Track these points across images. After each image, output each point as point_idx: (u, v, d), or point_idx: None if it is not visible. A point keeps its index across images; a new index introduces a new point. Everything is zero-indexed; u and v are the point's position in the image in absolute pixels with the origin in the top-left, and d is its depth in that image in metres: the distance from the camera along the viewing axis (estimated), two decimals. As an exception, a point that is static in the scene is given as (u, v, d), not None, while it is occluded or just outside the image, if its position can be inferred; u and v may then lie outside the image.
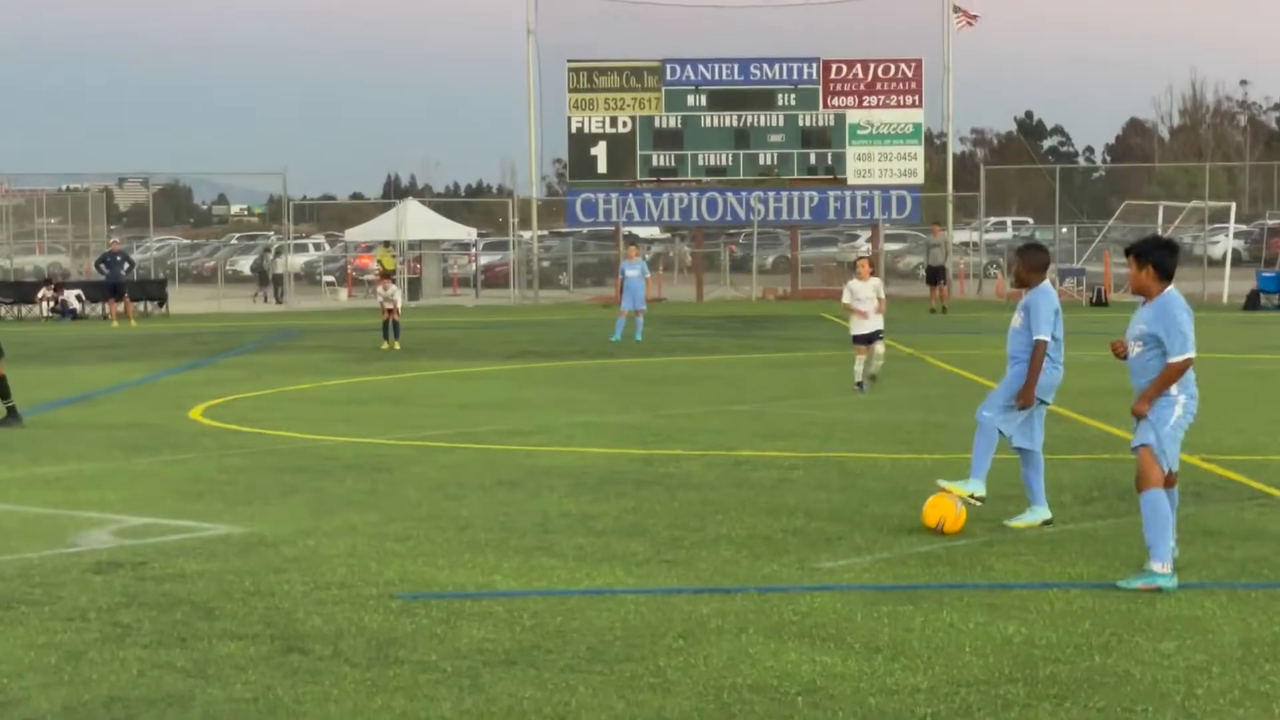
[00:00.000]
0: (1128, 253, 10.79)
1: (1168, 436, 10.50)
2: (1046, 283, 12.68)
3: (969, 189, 63.34)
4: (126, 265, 47.22)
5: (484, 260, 67.39)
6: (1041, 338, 12.32)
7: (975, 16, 58.44)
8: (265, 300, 58.80)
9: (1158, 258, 10.56)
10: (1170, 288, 10.63)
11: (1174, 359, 10.40)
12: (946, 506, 12.40)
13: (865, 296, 23.32)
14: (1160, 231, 55.04)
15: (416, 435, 18.90)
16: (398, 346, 33.51)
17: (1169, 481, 10.57)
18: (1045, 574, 10.87)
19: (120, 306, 46.70)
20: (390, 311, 34.12)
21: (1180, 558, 11.16)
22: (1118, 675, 8.45)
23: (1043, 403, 12.66)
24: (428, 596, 10.39)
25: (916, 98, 55.68)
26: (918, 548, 11.83)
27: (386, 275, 40.78)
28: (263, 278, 61.38)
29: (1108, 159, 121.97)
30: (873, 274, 24.36)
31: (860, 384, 23.27)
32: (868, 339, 23.34)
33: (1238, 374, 25.04)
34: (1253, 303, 46.90)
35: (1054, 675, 8.45)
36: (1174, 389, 10.52)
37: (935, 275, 48.82)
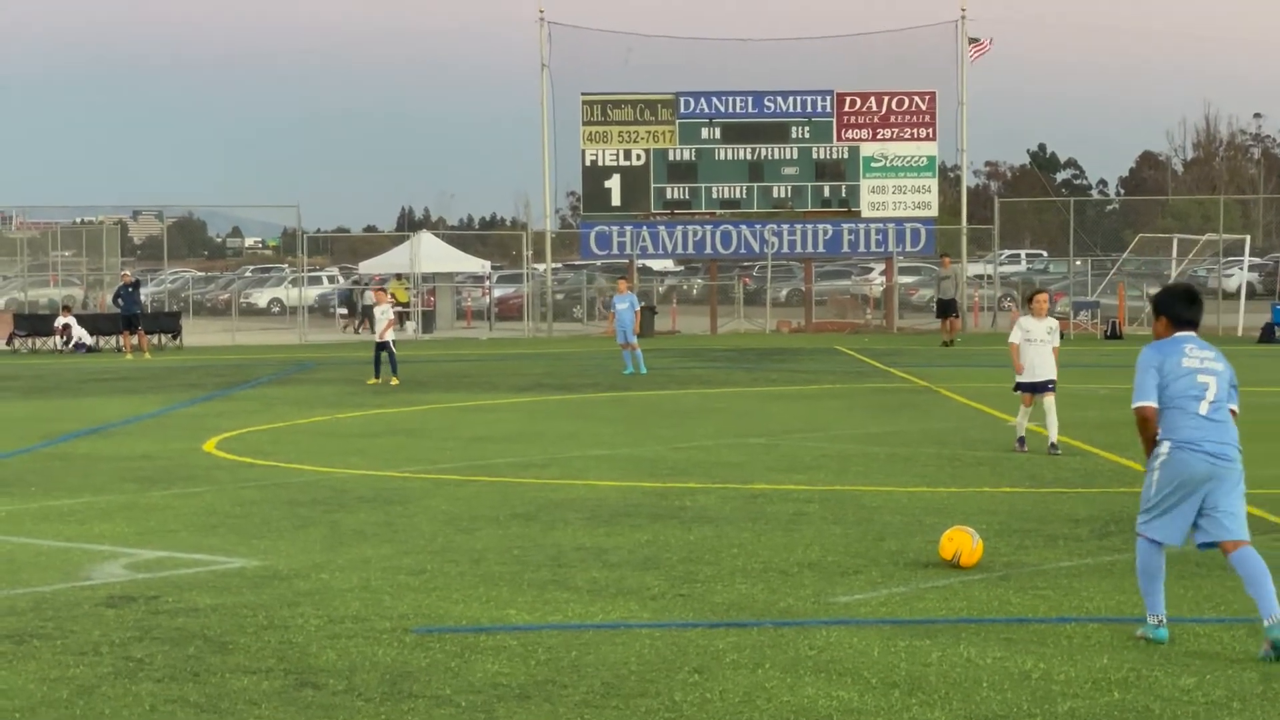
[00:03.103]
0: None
1: (1153, 487, 9.84)
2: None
3: (983, 222, 63.39)
4: (131, 290, 47.06)
5: (498, 293, 67.39)
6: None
7: (988, 42, 58.46)
8: (355, 331, 59.12)
9: (1167, 308, 10.25)
10: (1172, 335, 10.07)
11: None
12: (963, 540, 12.34)
13: (1039, 337, 19.95)
14: (1175, 264, 55.01)
15: (430, 468, 18.87)
16: (395, 382, 32.47)
17: (1225, 547, 9.72)
18: (1063, 608, 10.80)
19: (135, 339, 46.73)
20: (382, 344, 32.72)
21: (1198, 592, 11.11)
22: (1137, 711, 8.38)
23: None
24: (441, 630, 10.34)
25: (930, 130, 55.66)
26: (934, 582, 11.77)
27: (400, 304, 40.15)
28: (351, 309, 62.00)
29: (1121, 191, 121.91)
30: (1051, 312, 20.65)
31: (1022, 440, 19.86)
32: (1037, 388, 19.90)
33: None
34: (1267, 335, 46.77)
35: (1073, 711, 8.38)
36: (1162, 442, 9.84)
37: (946, 309, 48.56)
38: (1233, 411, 9.95)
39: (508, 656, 9.62)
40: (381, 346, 32.98)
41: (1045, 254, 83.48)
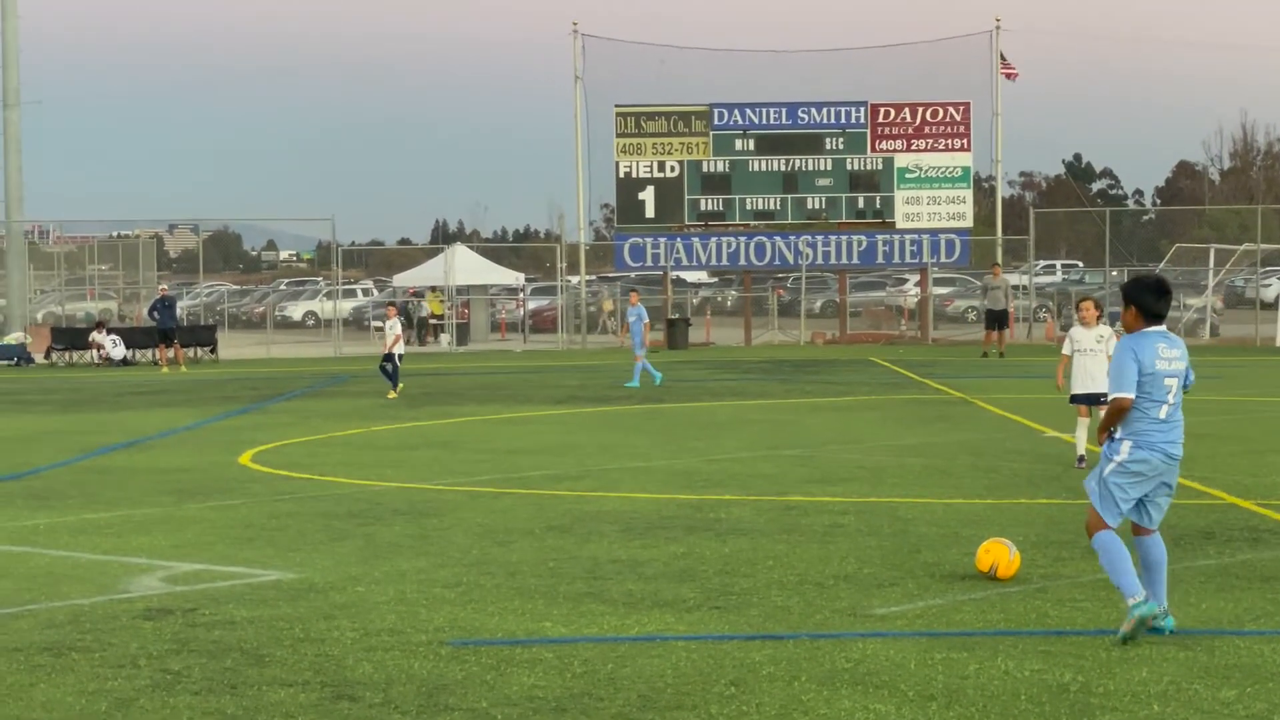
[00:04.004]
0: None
1: (1109, 482, 10.15)
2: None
3: (1018, 232, 63.23)
4: (166, 305, 47.19)
5: (532, 305, 67.50)
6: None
7: (1014, 71, 58.39)
8: (407, 343, 59.28)
9: (1136, 299, 10.27)
10: (1150, 328, 10.16)
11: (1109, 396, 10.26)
12: (1000, 552, 12.28)
13: (1088, 346, 19.03)
14: (1212, 274, 54.79)
15: (465, 480, 18.88)
16: (392, 395, 32.43)
17: (1136, 531, 10.34)
18: (1101, 620, 10.74)
19: (171, 352, 46.89)
20: (389, 356, 32.82)
21: (1238, 604, 11.04)
22: (1177, 724, 8.33)
23: None
24: (477, 643, 10.34)
25: (965, 141, 55.58)
26: (971, 594, 11.72)
27: (435, 316, 40.24)
28: (407, 321, 62.18)
29: (1157, 201, 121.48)
30: (1101, 319, 19.57)
31: (1082, 458, 19.20)
32: (1091, 399, 18.95)
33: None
34: (1305, 345, 46.55)
35: (1112, 724, 8.33)
36: (1118, 431, 10.14)
37: (996, 319, 47.80)
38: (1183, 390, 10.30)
39: (544, 669, 9.61)
40: (388, 358, 33.11)
41: (1081, 264, 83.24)
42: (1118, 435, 10.11)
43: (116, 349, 48.95)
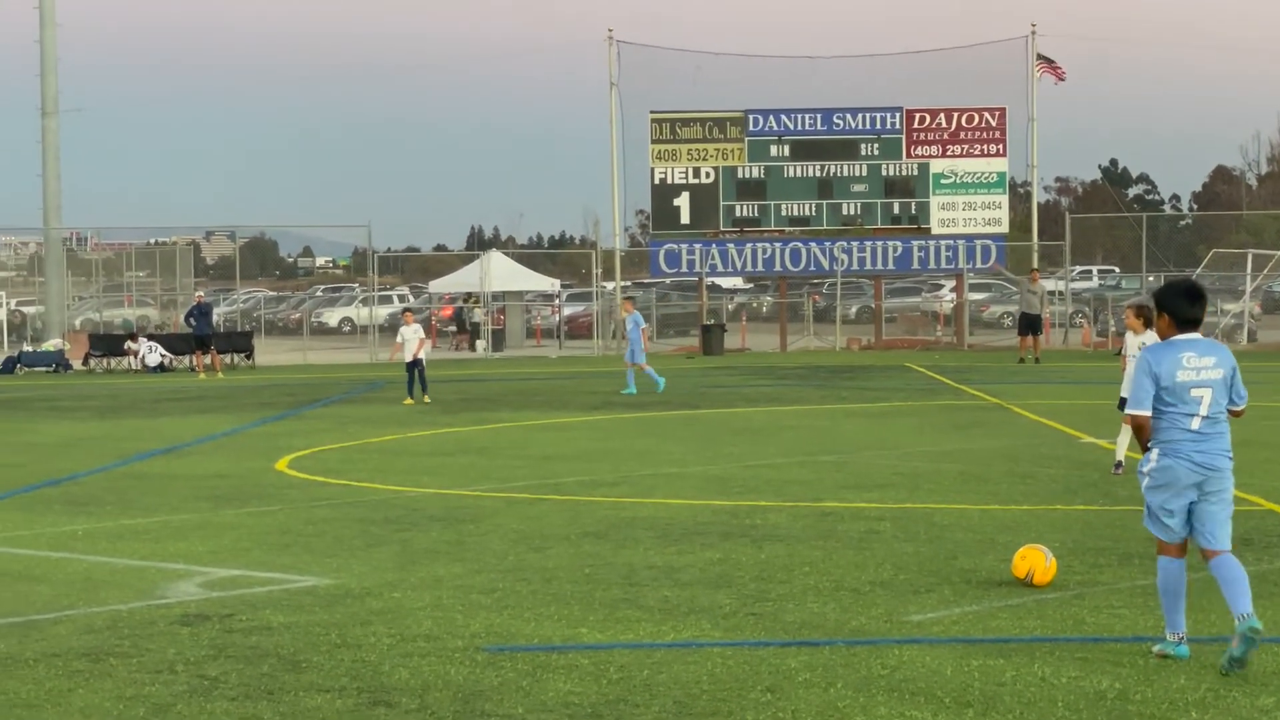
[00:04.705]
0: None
1: (1145, 496, 9.89)
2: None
3: (1054, 238, 63.01)
4: (202, 312, 47.37)
5: (567, 311, 67.54)
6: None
7: (1061, 71, 58.17)
8: (457, 348, 59.55)
9: (1166, 304, 10.06)
10: (1180, 336, 9.82)
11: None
12: (1036, 558, 12.25)
13: (1134, 353, 18.01)
14: (1249, 279, 54.52)
15: (500, 487, 18.91)
16: (427, 400, 32.74)
17: (1204, 556, 9.75)
18: (1139, 627, 10.70)
19: (208, 359, 47.06)
20: (414, 362, 32.87)
21: (1277, 611, 10.98)
22: (1215, 731, 8.29)
23: None
24: (513, 649, 10.35)
25: (1001, 146, 55.42)
26: (1008, 600, 11.69)
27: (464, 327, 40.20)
28: (460, 326, 62.31)
29: (1194, 207, 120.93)
30: (1148, 326, 18.39)
31: (1120, 464, 18.94)
32: None
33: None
34: (1344, 351, 46.32)
35: (1149, 731, 8.30)
36: (1151, 442, 9.80)
37: (1030, 324, 47.56)
38: (1234, 412, 9.85)
39: (580, 675, 9.62)
40: (413, 365, 33.19)
41: (1117, 270, 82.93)
42: (1150, 445, 9.86)
43: (153, 355, 49.16)
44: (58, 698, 9.37)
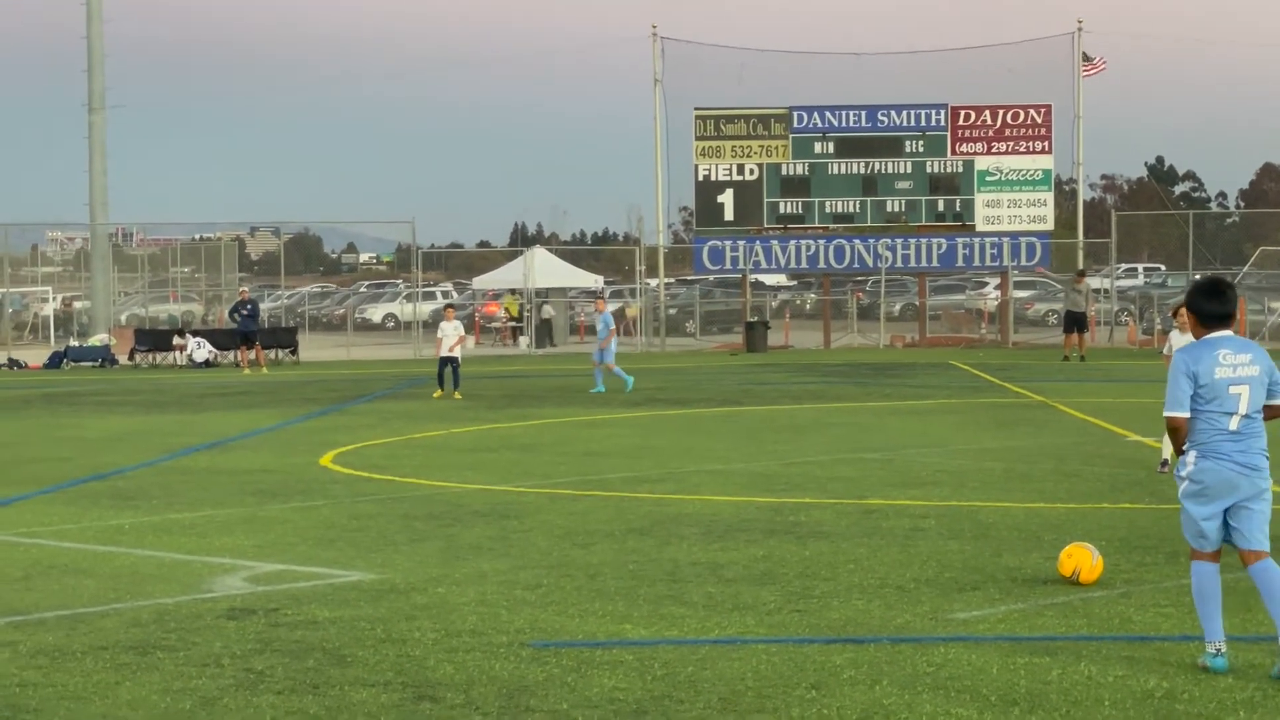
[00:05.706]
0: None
1: (1181, 500, 9.70)
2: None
3: (1100, 235, 62.72)
4: (247, 307, 47.49)
5: (611, 308, 67.47)
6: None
7: (1101, 60, 57.90)
8: (536, 344, 59.75)
9: (1190, 303, 9.91)
10: (1212, 334, 9.64)
11: None
12: (1083, 556, 12.20)
13: None
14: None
15: (545, 483, 18.92)
16: (458, 396, 32.91)
17: (1244, 559, 9.59)
18: (1185, 626, 10.64)
19: (252, 354, 47.24)
20: (450, 357, 33.12)
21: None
22: (1263, 731, 8.24)
23: None
24: (558, 645, 10.36)
25: (1046, 144, 55.18)
26: (1053, 598, 11.65)
27: (511, 322, 40.31)
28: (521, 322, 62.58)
29: (1241, 204, 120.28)
30: None
31: (1165, 462, 18.73)
32: None
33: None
34: (1393, 350, 46.00)
35: (1197, 731, 8.26)
36: (1187, 444, 9.63)
37: (1075, 322, 47.29)
38: (1272, 407, 9.62)
39: (624, 671, 9.62)
40: (446, 361, 33.29)
41: (1163, 268, 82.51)
42: (1186, 447, 9.65)
43: (200, 350, 49.40)
44: (105, 690, 9.42)
